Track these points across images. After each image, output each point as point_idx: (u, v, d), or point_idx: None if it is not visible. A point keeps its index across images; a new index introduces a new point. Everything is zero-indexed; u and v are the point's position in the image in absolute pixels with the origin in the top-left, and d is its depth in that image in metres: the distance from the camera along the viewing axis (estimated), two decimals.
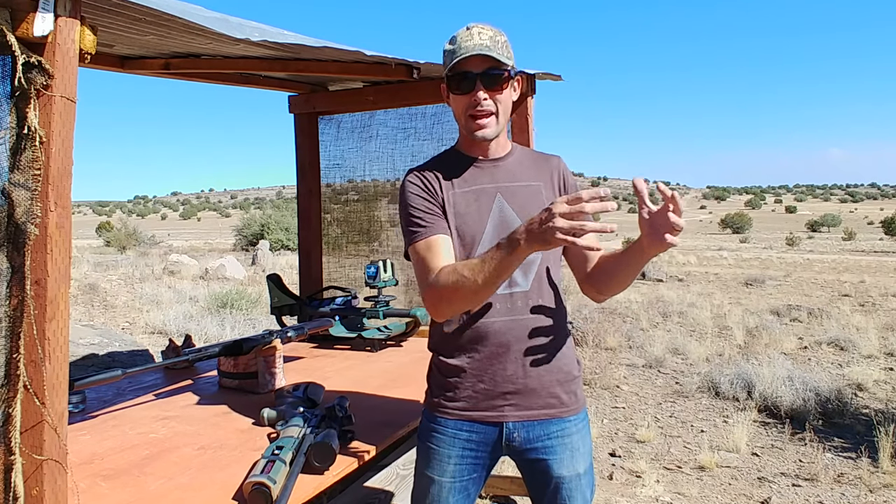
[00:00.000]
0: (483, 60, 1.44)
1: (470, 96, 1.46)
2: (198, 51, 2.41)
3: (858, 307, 10.08)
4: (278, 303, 3.25)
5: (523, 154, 1.62)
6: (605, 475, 3.69)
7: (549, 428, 1.52)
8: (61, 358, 1.12)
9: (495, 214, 1.51)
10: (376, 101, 3.28)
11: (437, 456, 1.55)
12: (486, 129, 1.48)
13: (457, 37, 1.47)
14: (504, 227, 1.49)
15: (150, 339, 7.19)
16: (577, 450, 1.54)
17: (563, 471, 1.52)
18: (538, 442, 1.52)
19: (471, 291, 1.35)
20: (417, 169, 1.60)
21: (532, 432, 1.51)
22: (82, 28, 1.11)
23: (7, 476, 1.10)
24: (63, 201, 1.10)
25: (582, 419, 1.58)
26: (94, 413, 2.12)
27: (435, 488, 1.55)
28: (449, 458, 1.54)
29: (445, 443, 1.54)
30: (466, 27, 1.48)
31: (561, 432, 1.53)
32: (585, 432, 1.58)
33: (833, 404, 4.72)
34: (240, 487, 1.51)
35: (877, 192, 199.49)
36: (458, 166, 1.56)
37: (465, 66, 1.44)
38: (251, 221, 23.47)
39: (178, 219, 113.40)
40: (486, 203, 1.52)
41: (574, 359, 1.58)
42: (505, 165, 1.56)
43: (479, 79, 1.45)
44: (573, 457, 1.53)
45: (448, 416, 1.54)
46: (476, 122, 1.48)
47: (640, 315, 8.95)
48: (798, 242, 32.28)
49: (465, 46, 1.44)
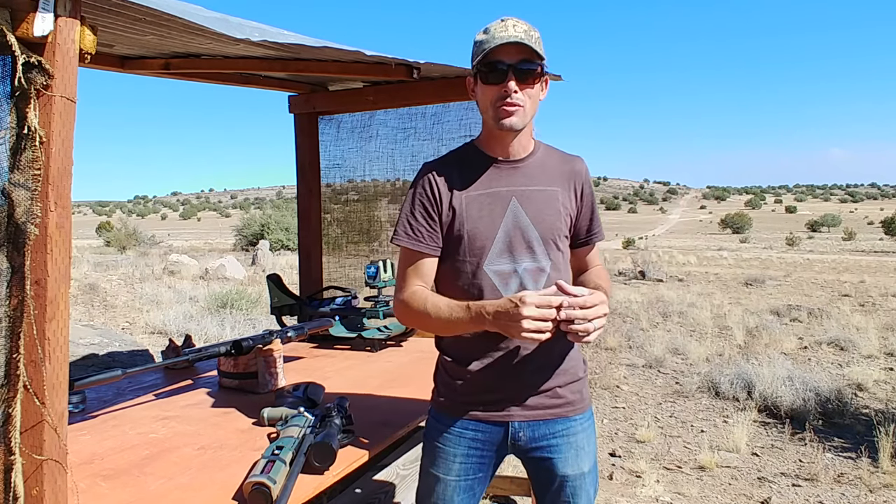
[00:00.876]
0: (518, 51, 1.40)
1: (501, 87, 1.41)
2: (198, 51, 2.41)
3: (858, 307, 10.08)
4: (278, 303, 3.25)
5: (545, 155, 1.56)
6: (606, 475, 3.69)
7: (554, 427, 1.52)
8: (61, 358, 1.12)
9: (508, 220, 1.49)
10: (376, 101, 3.28)
11: (443, 454, 1.55)
12: (514, 117, 1.43)
13: (490, 28, 1.44)
14: (517, 234, 1.49)
15: (150, 339, 7.19)
16: (582, 448, 1.54)
17: (567, 469, 1.52)
18: (543, 441, 1.52)
19: (430, 326, 1.50)
20: (433, 167, 1.55)
21: (537, 431, 1.52)
22: (82, 28, 1.11)
23: (7, 476, 1.10)
24: (63, 201, 1.10)
25: (587, 418, 1.58)
26: (94, 413, 2.12)
27: (440, 487, 1.56)
28: (455, 457, 1.54)
29: (451, 442, 1.54)
30: (501, 19, 1.44)
31: (566, 431, 1.53)
32: (591, 431, 1.58)
33: (833, 404, 4.73)
34: (240, 487, 1.51)
35: (877, 192, 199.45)
36: (475, 166, 1.53)
37: (498, 56, 1.40)
38: (251, 221, 23.48)
39: (178, 219, 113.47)
40: (500, 208, 1.49)
41: (580, 360, 1.59)
42: (524, 168, 1.52)
43: (511, 70, 1.40)
44: (578, 455, 1.53)
45: (454, 416, 1.54)
46: (504, 109, 1.43)
47: (640, 315, 8.95)
48: (798, 242, 32.29)
49: (499, 37, 1.40)
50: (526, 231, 1.49)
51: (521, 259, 1.48)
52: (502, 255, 1.48)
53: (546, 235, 1.49)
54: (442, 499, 1.56)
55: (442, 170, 1.54)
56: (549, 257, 1.50)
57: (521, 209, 1.49)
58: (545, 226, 1.49)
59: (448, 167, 1.54)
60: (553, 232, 1.50)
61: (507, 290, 1.47)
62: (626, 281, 13.90)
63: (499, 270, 1.48)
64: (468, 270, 1.49)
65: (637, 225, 70.93)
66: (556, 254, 1.51)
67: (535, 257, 1.49)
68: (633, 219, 35.11)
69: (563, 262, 1.55)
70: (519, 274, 1.48)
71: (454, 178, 1.52)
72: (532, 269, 1.48)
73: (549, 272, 1.50)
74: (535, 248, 1.49)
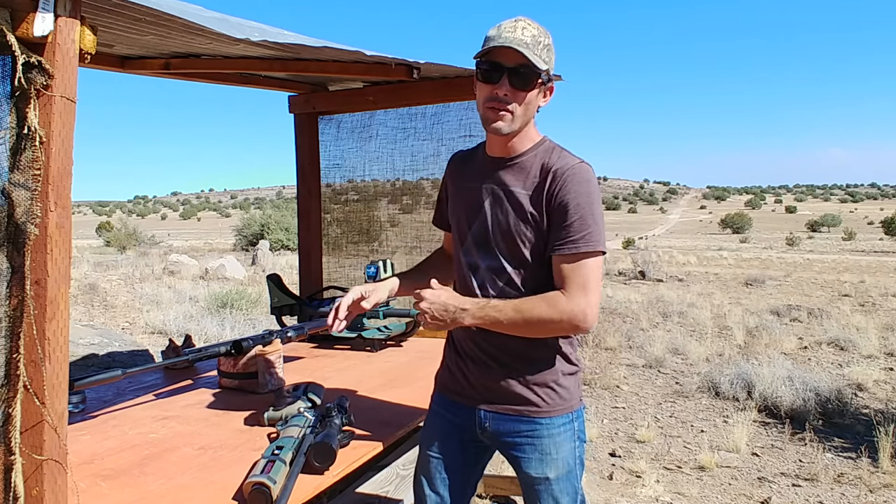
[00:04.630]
0: (517, 56, 1.38)
1: (493, 88, 1.41)
2: (198, 51, 2.41)
3: (858, 307, 10.09)
4: (278, 303, 3.25)
5: (538, 156, 1.49)
6: (605, 475, 3.69)
7: (518, 426, 1.53)
8: (61, 358, 1.12)
9: (482, 217, 1.52)
10: (376, 101, 3.28)
11: (430, 430, 1.68)
12: (500, 122, 1.42)
13: (502, 26, 1.42)
14: (484, 231, 1.52)
15: (150, 339, 7.19)
16: (549, 454, 1.50)
17: (531, 471, 1.53)
18: (508, 437, 1.54)
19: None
20: (455, 157, 1.69)
21: (502, 426, 1.54)
22: (82, 28, 1.11)
23: (7, 476, 1.10)
24: (63, 201, 1.10)
25: (559, 424, 1.51)
26: (94, 413, 2.12)
27: (424, 460, 1.66)
28: (435, 433, 1.65)
29: (437, 419, 1.66)
30: (514, 19, 1.43)
31: (530, 433, 1.52)
32: (563, 438, 1.51)
33: (833, 404, 4.73)
34: (240, 487, 1.51)
35: (877, 192, 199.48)
36: (476, 160, 1.60)
37: (497, 57, 1.40)
38: (251, 221, 23.47)
39: (178, 219, 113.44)
40: (477, 204, 1.54)
41: (555, 362, 1.51)
42: (508, 168, 1.50)
43: (507, 73, 1.39)
44: (543, 461, 1.51)
45: (442, 394, 1.67)
46: (491, 112, 1.42)
47: (640, 315, 8.94)
48: (798, 242, 32.29)
49: (504, 37, 1.39)
50: (492, 230, 1.51)
51: (486, 256, 1.52)
52: (470, 249, 1.55)
53: (507, 238, 1.48)
54: (426, 471, 1.64)
55: (458, 160, 1.67)
56: (511, 258, 1.49)
57: (492, 209, 1.51)
58: (508, 228, 1.48)
59: (464, 158, 1.65)
60: (516, 235, 1.47)
61: (471, 282, 1.54)
62: (626, 281, 13.89)
63: (469, 262, 1.56)
64: (455, 255, 1.63)
65: (637, 225, 70.94)
66: (519, 256, 1.47)
67: (496, 257, 1.51)
68: (633, 219, 35.20)
69: (532, 264, 1.47)
70: (482, 270, 1.53)
71: (459, 169, 1.63)
72: (493, 268, 1.51)
73: (510, 274, 1.49)
74: (499, 248, 1.50)
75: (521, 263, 1.48)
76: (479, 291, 1.52)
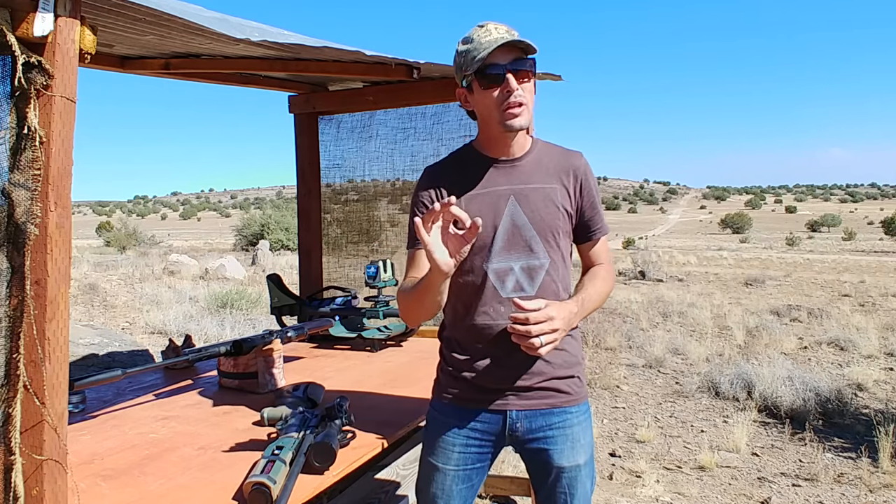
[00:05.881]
0: (509, 51, 1.42)
1: (502, 88, 1.43)
2: (198, 51, 2.41)
3: (858, 307, 10.09)
4: (278, 303, 3.25)
5: (543, 152, 1.57)
6: (605, 475, 3.69)
7: (550, 419, 1.53)
8: (61, 358, 1.12)
9: (507, 219, 1.51)
10: (376, 101, 3.28)
11: (442, 444, 1.57)
12: (521, 117, 1.45)
13: (472, 36, 1.45)
14: (515, 232, 1.51)
15: (150, 339, 7.19)
16: (578, 441, 1.55)
17: (563, 461, 1.53)
18: (540, 432, 1.54)
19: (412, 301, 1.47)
20: (434, 170, 1.59)
21: (534, 422, 1.53)
22: (82, 28, 1.11)
23: (7, 476, 1.10)
24: (63, 201, 1.10)
25: (584, 411, 1.58)
26: (94, 413, 2.12)
27: (439, 477, 1.57)
28: (454, 447, 1.56)
29: (451, 431, 1.56)
30: (479, 25, 1.46)
31: (562, 423, 1.54)
32: (587, 424, 1.59)
33: (833, 404, 4.73)
34: (240, 487, 1.51)
35: (877, 192, 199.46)
36: (475, 167, 1.55)
37: (493, 60, 1.42)
38: (251, 221, 23.48)
39: (178, 219, 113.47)
40: (498, 207, 1.51)
41: (578, 353, 1.59)
42: (522, 166, 1.53)
43: (507, 69, 1.42)
44: (574, 448, 1.54)
45: (455, 405, 1.57)
46: (510, 111, 1.44)
47: (640, 315, 8.95)
48: (798, 242, 32.29)
49: (486, 41, 1.41)
50: (524, 229, 1.50)
51: (519, 257, 1.51)
52: (501, 253, 1.50)
53: (543, 233, 1.51)
54: (441, 488, 1.57)
55: (443, 172, 1.58)
56: (548, 255, 1.52)
57: (519, 208, 1.51)
58: (543, 223, 1.51)
59: (448, 169, 1.58)
60: (551, 229, 1.51)
61: (504, 288, 1.50)
62: (626, 281, 13.90)
63: (497, 269, 1.51)
64: (468, 269, 1.52)
65: (637, 225, 70.92)
66: (554, 251, 1.53)
67: (533, 255, 1.50)
68: (633, 219, 35.12)
69: (563, 259, 1.55)
70: (515, 272, 1.50)
71: (455, 180, 1.55)
72: (528, 267, 1.50)
73: (547, 269, 1.51)
74: (533, 247, 1.51)
75: (557, 256, 1.53)
76: (513, 293, 1.49)
